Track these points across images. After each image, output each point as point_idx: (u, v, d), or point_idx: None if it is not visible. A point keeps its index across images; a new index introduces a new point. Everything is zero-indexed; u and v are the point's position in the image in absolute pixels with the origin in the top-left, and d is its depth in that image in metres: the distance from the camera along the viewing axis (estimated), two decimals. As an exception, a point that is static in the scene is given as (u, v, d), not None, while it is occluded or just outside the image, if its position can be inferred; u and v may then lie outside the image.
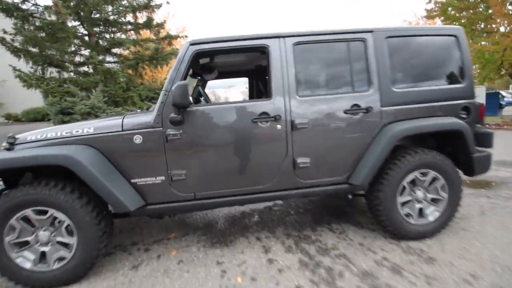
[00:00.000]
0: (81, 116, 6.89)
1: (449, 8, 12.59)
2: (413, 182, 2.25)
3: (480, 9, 12.03)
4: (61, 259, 1.88)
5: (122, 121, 1.94)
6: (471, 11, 12.10)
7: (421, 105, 2.23)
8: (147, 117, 1.95)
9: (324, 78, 2.19)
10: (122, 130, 1.92)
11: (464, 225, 2.56)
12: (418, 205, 2.29)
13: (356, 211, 3.00)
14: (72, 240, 1.86)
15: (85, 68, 9.04)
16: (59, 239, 1.86)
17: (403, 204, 2.25)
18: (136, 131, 1.91)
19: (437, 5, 13.06)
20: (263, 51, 2.08)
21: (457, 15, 12.43)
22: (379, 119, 2.16)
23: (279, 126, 2.03)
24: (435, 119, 2.20)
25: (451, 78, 2.35)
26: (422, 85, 2.28)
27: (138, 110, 3.04)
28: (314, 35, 2.08)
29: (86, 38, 9.15)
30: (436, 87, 2.28)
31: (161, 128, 1.94)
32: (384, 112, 2.17)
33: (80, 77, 8.48)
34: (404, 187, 2.22)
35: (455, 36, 2.34)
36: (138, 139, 1.91)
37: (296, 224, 2.72)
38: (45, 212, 1.81)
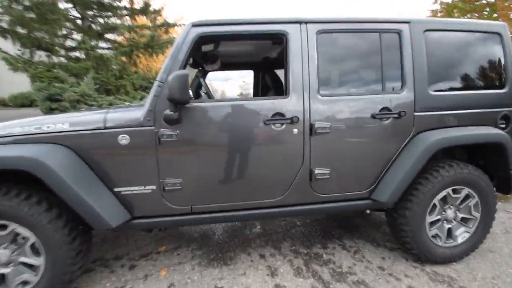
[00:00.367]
0: (70, 104, 6.49)
1: (454, 10, 12.43)
2: (443, 200, 1.95)
3: (486, 13, 11.85)
4: (25, 283, 1.53)
5: (105, 116, 1.58)
6: (476, 14, 11.90)
7: (458, 111, 1.92)
8: (136, 113, 1.60)
9: (350, 75, 1.85)
10: (105, 128, 1.56)
11: (490, 245, 2.29)
12: (447, 226, 2.00)
13: (369, 224, 2.71)
14: (39, 261, 1.51)
15: (76, 53, 8.57)
16: (22, 259, 1.51)
17: (431, 224, 1.96)
18: (122, 129, 1.56)
19: (443, 6, 12.91)
20: (280, 38, 1.73)
21: (462, 17, 12.24)
22: (411, 126, 1.85)
23: (295, 130, 1.70)
24: (476, 129, 1.89)
25: (492, 82, 2.04)
26: (460, 89, 1.97)
27: (127, 103, 2.65)
28: (342, 23, 1.74)
29: (79, 21, 8.66)
30: (476, 92, 1.97)
31: (153, 127, 1.58)
32: (417, 118, 1.85)
33: (71, 63, 8.01)
34: (434, 205, 1.93)
35: (498, 34, 2.03)
36: (124, 140, 1.56)
37: (304, 238, 2.42)
38: (4, 227, 1.46)
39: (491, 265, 2.03)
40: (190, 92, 1.56)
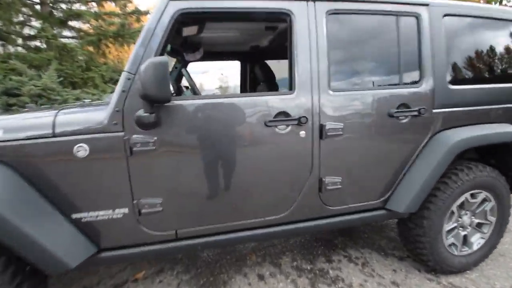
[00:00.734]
0: (31, 99, 5.78)
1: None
2: (460, 205, 1.77)
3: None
4: None
5: (54, 119, 1.18)
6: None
7: (477, 107, 1.72)
8: (98, 114, 1.21)
9: (366, 66, 1.57)
10: (54, 135, 1.16)
11: (498, 248, 2.15)
12: (462, 233, 1.83)
13: (369, 228, 2.50)
14: (-33, 319, 1.11)
15: (36, 43, 7.68)
16: None
17: (448, 232, 1.77)
18: (79, 136, 1.17)
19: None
20: (282, 19, 1.40)
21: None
22: (430, 125, 1.62)
23: (302, 133, 1.40)
24: (499, 127, 1.70)
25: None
26: (480, 82, 1.76)
27: (87, 101, 2.21)
28: (355, 2, 1.44)
29: (38, 7, 7.74)
30: (495, 86, 1.78)
31: (122, 133, 1.21)
32: (436, 115, 1.62)
33: (30, 53, 7.16)
34: (452, 212, 1.73)
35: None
36: (81, 151, 1.17)
37: (305, 251, 2.16)
38: None
39: (506, 272, 1.90)
40: (171, 87, 1.20)
